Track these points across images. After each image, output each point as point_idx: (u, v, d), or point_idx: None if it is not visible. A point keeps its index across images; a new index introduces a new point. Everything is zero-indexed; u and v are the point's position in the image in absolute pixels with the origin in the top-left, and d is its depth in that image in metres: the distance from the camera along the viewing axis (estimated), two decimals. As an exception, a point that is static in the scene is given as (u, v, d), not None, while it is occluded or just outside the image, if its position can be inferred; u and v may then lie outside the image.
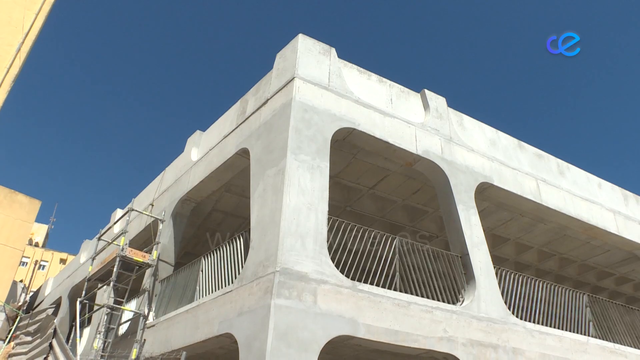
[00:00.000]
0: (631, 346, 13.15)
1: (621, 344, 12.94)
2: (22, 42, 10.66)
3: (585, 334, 12.48)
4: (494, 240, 14.60)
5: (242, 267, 9.65)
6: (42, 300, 26.83)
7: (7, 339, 21.78)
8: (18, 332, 20.58)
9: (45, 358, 13.45)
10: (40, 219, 57.26)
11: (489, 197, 12.81)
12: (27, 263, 41.89)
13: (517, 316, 11.40)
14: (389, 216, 14.12)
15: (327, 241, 9.16)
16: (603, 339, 12.74)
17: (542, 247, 16.11)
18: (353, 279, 9.32)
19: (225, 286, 10.06)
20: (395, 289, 9.76)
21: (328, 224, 9.31)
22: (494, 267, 11.41)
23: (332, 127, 10.26)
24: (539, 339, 11.30)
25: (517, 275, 12.01)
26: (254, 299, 8.70)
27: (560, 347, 11.56)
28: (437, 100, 12.50)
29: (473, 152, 12.44)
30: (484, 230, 11.66)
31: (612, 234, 14.67)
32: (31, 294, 32.29)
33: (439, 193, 11.88)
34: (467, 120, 13.08)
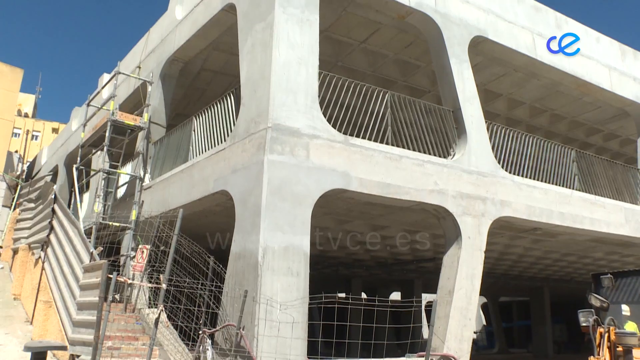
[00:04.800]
0: (610, 198, 13.67)
1: (602, 196, 13.44)
2: None
3: (570, 188, 12.89)
4: (486, 96, 14.48)
5: (234, 125, 9.64)
6: (40, 170, 27.17)
7: (13, 206, 22.41)
8: (21, 200, 21.09)
9: (49, 222, 13.87)
10: (25, 89, 56.35)
11: (483, 51, 12.52)
12: (19, 134, 41.79)
13: (506, 170, 11.68)
14: (380, 71, 13.88)
15: (319, 96, 9.07)
16: (586, 192, 13.20)
17: (534, 103, 16.08)
18: (345, 133, 9.37)
19: (218, 144, 10.12)
20: (387, 143, 9.87)
21: (319, 79, 9.17)
22: (485, 122, 11.47)
23: (321, -23, 9.70)
24: (525, 192, 11.68)
25: (508, 131, 12.11)
26: (247, 156, 8.79)
27: (545, 199, 12.00)
28: (432, -52, 11.73)
29: (468, 3, 11.91)
30: (476, 85, 11.55)
31: (604, 90, 14.61)
32: (27, 164, 32.66)
33: (432, 47, 11.58)
34: (464, -31, 12.37)
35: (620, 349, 5.73)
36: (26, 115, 46.30)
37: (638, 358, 5.58)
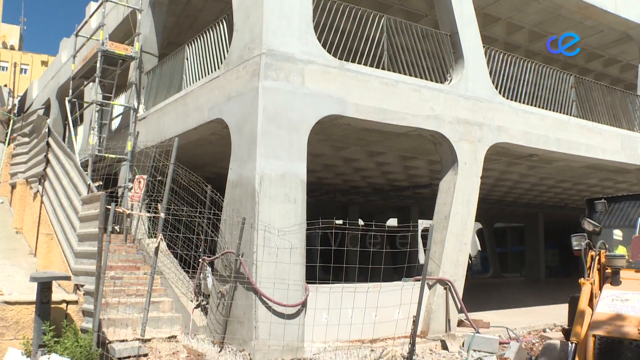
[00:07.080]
0: (608, 124, 13.62)
1: (599, 123, 13.38)
2: None
3: (567, 114, 12.81)
4: (484, 20, 14.04)
5: (227, 52, 9.42)
6: (32, 104, 26.81)
7: (7, 142, 22.23)
8: (15, 135, 20.89)
9: (45, 155, 13.80)
10: (8, 19, 54.69)
11: (483, -28, 12.11)
12: (6, 68, 40.84)
13: (503, 96, 11.55)
14: (376, -7, 13.43)
15: (313, 21, 8.83)
16: (583, 118, 13.13)
17: (534, 28, 15.65)
18: (340, 59, 9.18)
19: (211, 72, 9.93)
20: (383, 69, 9.70)
21: (313, 3, 8.89)
22: (483, 47, 11.23)
23: None
24: (522, 118, 11.62)
25: (506, 56, 11.88)
26: (241, 83, 8.65)
27: (542, 125, 11.95)
28: None
29: None
30: (474, 9, 11.23)
31: (608, 12, 14.16)
32: (18, 98, 32.16)
33: (430, -33, 11.18)
34: None
35: (609, 270, 5.86)
36: (12, 48, 45.12)
37: (625, 278, 5.71)
